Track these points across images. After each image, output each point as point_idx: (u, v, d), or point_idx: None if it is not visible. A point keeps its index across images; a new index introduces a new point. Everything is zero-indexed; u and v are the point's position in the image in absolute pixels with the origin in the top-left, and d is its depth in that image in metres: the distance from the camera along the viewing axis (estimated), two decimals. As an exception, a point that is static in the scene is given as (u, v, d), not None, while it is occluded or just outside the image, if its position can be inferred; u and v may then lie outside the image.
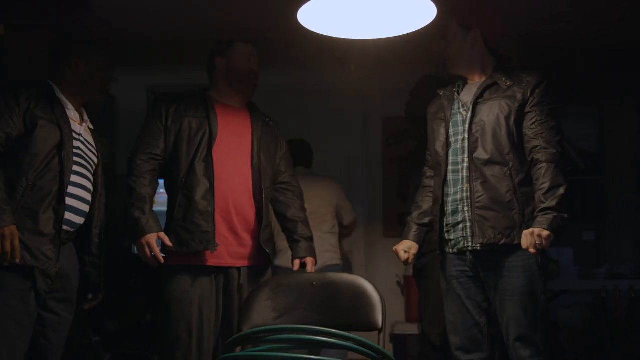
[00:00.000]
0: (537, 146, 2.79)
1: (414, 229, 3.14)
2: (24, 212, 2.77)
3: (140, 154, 3.09)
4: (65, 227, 2.86)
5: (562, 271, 4.65)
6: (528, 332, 2.78)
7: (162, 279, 3.07)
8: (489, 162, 2.83)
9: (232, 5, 4.26)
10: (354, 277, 2.70)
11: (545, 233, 2.66)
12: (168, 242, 2.99)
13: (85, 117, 3.07)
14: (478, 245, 2.83)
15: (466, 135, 2.88)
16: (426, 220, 3.13)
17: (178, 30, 4.71)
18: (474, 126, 2.87)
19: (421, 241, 3.14)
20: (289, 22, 3.03)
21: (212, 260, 3.03)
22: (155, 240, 2.98)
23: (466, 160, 2.88)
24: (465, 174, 2.88)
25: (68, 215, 2.87)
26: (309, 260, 3.20)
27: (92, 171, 3.02)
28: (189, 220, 3.01)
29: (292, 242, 3.26)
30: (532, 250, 2.69)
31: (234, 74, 3.19)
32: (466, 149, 2.88)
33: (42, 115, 2.83)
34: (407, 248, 3.10)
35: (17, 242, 2.67)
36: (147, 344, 4.22)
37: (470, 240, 2.86)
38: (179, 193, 3.05)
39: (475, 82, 2.96)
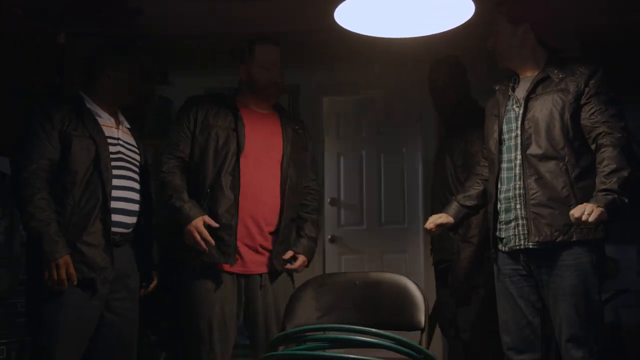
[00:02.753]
0: (600, 133, 2.69)
1: (454, 205, 3.14)
2: (75, 228, 2.89)
3: (167, 154, 3.19)
4: (118, 230, 2.98)
5: (624, 270, 4.52)
6: (580, 333, 2.71)
7: (185, 278, 3.17)
8: (543, 158, 2.77)
9: (288, 6, 4.30)
10: (397, 277, 2.68)
11: (599, 209, 2.53)
12: (214, 224, 3.05)
13: (121, 119, 3.17)
14: (531, 243, 2.78)
15: (519, 132, 2.84)
16: (469, 203, 3.12)
17: (234, 32, 4.76)
18: (526, 122, 2.82)
19: (458, 219, 3.11)
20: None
21: (232, 268, 3.11)
22: (202, 224, 3.03)
23: (519, 157, 2.83)
24: (518, 171, 2.83)
25: (118, 218, 2.98)
26: (301, 258, 3.27)
27: (137, 170, 3.12)
28: (212, 233, 3.06)
29: (297, 236, 3.34)
30: (576, 216, 2.53)
31: (255, 85, 3.25)
32: (519, 145, 2.84)
33: (74, 133, 2.93)
34: (437, 217, 3.09)
35: (72, 270, 2.81)
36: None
37: (522, 238, 2.81)
38: (204, 204, 3.12)
39: (528, 77, 2.91)
